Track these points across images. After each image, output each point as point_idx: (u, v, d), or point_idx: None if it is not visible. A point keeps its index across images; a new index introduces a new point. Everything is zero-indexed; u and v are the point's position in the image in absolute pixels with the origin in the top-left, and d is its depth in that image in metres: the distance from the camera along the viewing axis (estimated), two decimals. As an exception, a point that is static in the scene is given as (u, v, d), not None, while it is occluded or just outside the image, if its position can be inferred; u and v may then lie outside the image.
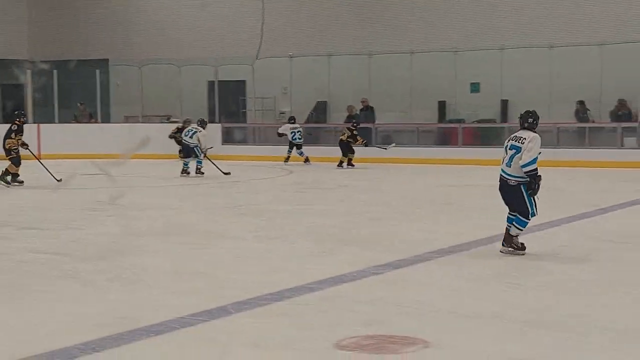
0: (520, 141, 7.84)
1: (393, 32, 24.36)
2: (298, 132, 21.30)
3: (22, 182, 15.27)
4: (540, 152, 7.80)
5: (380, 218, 10.99)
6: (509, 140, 7.98)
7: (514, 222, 7.92)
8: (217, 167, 17.27)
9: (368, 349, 4.80)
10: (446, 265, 7.52)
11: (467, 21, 23.64)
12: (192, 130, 17.66)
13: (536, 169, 7.74)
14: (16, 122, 15.43)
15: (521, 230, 7.94)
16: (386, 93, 23.89)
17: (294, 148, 21.32)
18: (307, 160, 21.18)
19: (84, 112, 26.03)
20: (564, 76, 21.79)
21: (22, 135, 15.35)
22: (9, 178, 15.20)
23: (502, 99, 22.94)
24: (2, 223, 10.54)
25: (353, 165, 19.76)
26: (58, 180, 15.12)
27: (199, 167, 17.50)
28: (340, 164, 19.87)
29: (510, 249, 7.95)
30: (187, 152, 17.63)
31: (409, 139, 22.77)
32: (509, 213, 8.03)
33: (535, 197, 7.81)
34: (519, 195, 7.84)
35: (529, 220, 7.93)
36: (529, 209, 7.83)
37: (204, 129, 17.76)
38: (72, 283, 6.81)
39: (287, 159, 21.28)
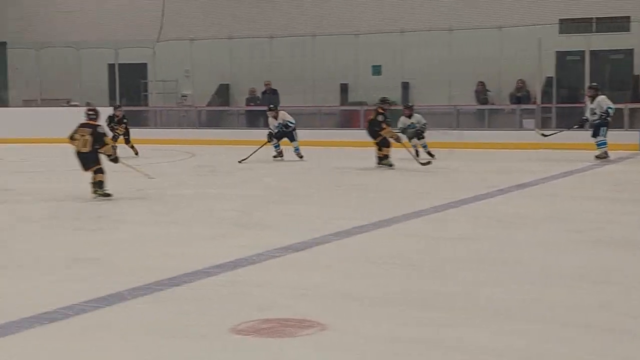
0: None
1: (293, 16, 24.35)
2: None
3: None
4: None
5: (279, 201, 10.96)
6: None
7: None
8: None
9: (264, 333, 4.77)
10: (345, 248, 7.53)
11: (367, 5, 23.80)
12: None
13: None
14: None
15: None
16: (288, 76, 23.91)
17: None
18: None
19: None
20: (464, 59, 22.13)
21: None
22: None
23: (403, 81, 23.19)
24: None
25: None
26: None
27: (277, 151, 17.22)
28: None
29: None
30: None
31: (311, 121, 22.80)
32: None
33: None
34: None
35: None
36: None
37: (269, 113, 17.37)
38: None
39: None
